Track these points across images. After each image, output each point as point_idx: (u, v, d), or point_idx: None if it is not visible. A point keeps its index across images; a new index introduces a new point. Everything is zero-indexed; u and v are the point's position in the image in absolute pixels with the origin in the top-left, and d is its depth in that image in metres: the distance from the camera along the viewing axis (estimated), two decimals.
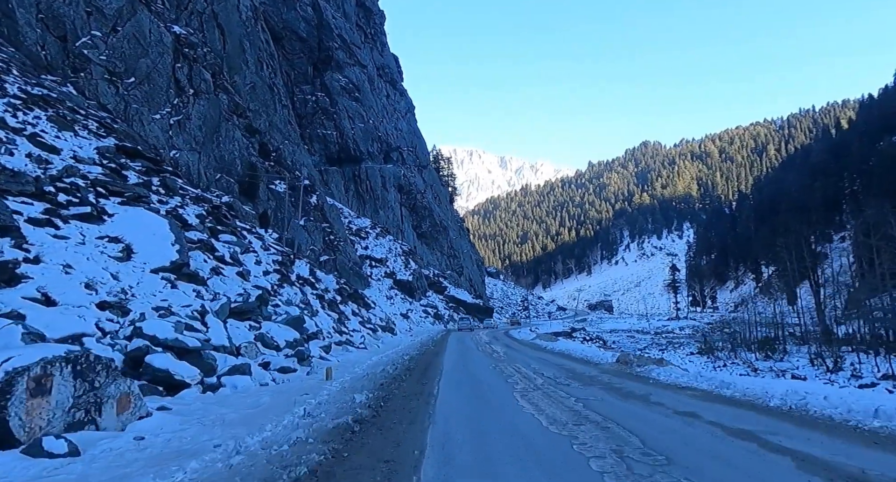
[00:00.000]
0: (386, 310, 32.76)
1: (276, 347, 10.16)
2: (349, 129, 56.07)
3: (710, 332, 58.59)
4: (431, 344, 22.22)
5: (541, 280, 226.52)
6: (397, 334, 25.43)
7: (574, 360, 15.51)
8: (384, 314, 26.98)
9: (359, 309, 22.86)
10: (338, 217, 39.29)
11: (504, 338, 29.86)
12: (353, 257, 37.57)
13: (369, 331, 20.22)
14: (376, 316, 25.31)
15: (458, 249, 67.50)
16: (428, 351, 18.20)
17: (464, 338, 28.42)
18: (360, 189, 56.06)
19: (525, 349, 20.43)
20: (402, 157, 63.70)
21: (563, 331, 39.66)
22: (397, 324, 30.19)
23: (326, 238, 36.31)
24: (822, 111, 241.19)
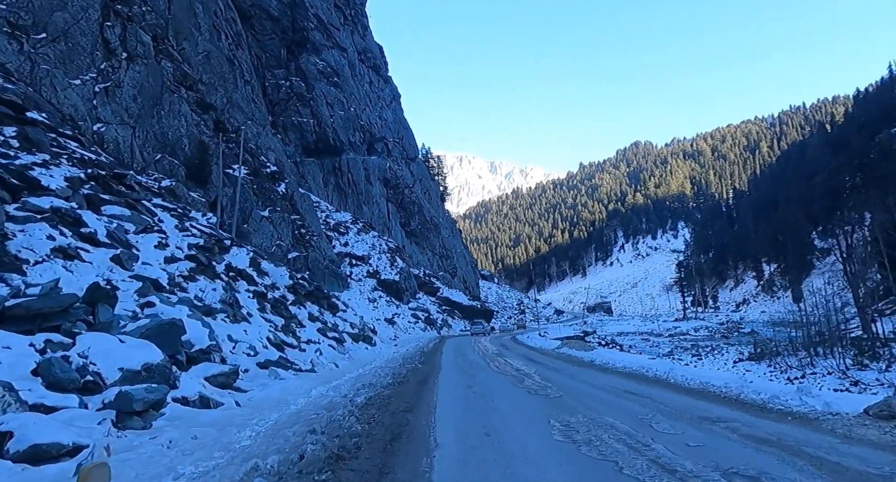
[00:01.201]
0: (366, 315, 27.47)
1: (83, 388, 4.88)
2: (328, 117, 50.75)
3: (729, 333, 53.72)
4: (419, 359, 16.58)
5: (535, 283, 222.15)
6: (377, 344, 20.25)
7: (668, 387, 9.58)
8: (360, 319, 21.21)
9: (321, 312, 17.38)
10: (311, 209, 33.91)
11: (515, 345, 24.09)
12: (328, 254, 32.16)
13: (333, 343, 14.85)
14: (347, 321, 19.84)
15: (451, 249, 62.30)
16: (412, 373, 12.45)
17: (462, 347, 22.95)
18: (340, 182, 50.69)
19: (563, 366, 14.21)
20: (388, 148, 58.46)
21: (575, 335, 34.50)
22: (380, 332, 24.94)
23: (297, 232, 30.89)
24: (812, 108, 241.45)
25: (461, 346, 23.00)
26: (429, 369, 13.22)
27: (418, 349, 20.68)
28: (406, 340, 26.38)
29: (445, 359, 16.41)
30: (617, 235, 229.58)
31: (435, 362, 15.40)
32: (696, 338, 46.43)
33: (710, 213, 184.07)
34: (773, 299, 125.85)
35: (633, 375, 11.62)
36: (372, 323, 26.06)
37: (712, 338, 46.60)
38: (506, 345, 23.83)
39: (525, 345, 24.68)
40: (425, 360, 15.87)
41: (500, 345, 23.52)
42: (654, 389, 9.29)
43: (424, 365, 14.48)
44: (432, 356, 17.84)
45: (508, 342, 26.80)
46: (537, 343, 24.96)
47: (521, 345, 24.18)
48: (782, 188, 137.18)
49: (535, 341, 26.30)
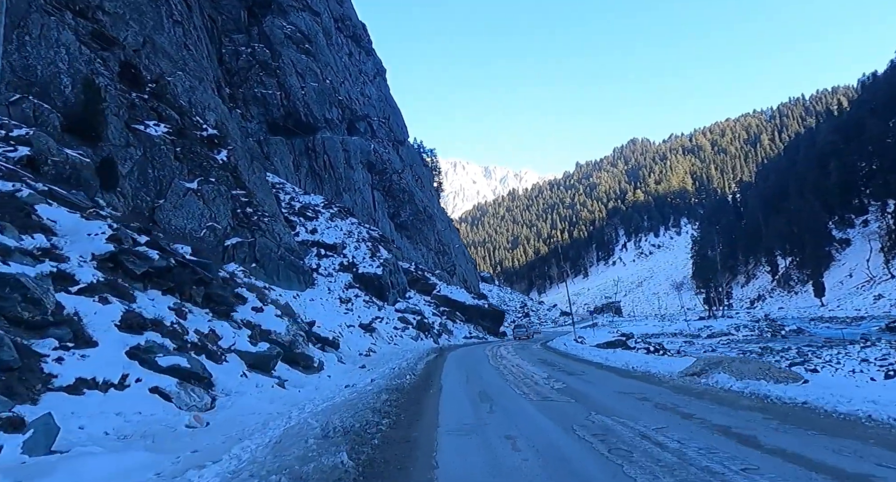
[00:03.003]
0: (330, 320, 19.65)
1: None
2: (298, 89, 42.86)
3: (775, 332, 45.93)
4: (381, 418, 7.40)
5: (535, 285, 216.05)
6: (325, 368, 12.20)
7: None
8: (290, 326, 11.61)
9: (182, 312, 8.81)
10: (264, 185, 25.92)
11: (580, 366, 14.25)
12: (286, 241, 24.14)
13: (171, 384, 6.14)
14: (256, 327, 10.89)
15: (449, 244, 54.35)
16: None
17: (480, 370, 13.91)
18: (315, 165, 42.73)
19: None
20: (372, 128, 50.61)
21: (616, 339, 26.66)
22: (346, 344, 17.03)
23: (240, 211, 22.86)
24: (812, 99, 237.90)
25: (476, 370, 13.89)
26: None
27: (394, 377, 11.72)
28: (384, 357, 17.68)
29: (451, 420, 7.36)
30: (618, 234, 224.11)
31: (420, 436, 6.47)
32: (748, 340, 38.49)
33: (717, 207, 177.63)
34: (790, 294, 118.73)
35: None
36: (336, 331, 18.32)
37: (764, 339, 38.75)
38: (570, 370, 13.26)
39: (585, 361, 15.53)
40: (395, 425, 7.03)
41: (546, 366, 14.15)
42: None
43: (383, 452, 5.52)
44: (417, 402, 8.96)
45: (555, 359, 16.91)
46: (598, 356, 16.25)
47: (592, 367, 13.90)
48: (792, 178, 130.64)
49: (589, 353, 17.95)
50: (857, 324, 51.62)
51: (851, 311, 75.82)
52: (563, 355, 18.50)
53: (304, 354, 11.78)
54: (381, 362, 15.57)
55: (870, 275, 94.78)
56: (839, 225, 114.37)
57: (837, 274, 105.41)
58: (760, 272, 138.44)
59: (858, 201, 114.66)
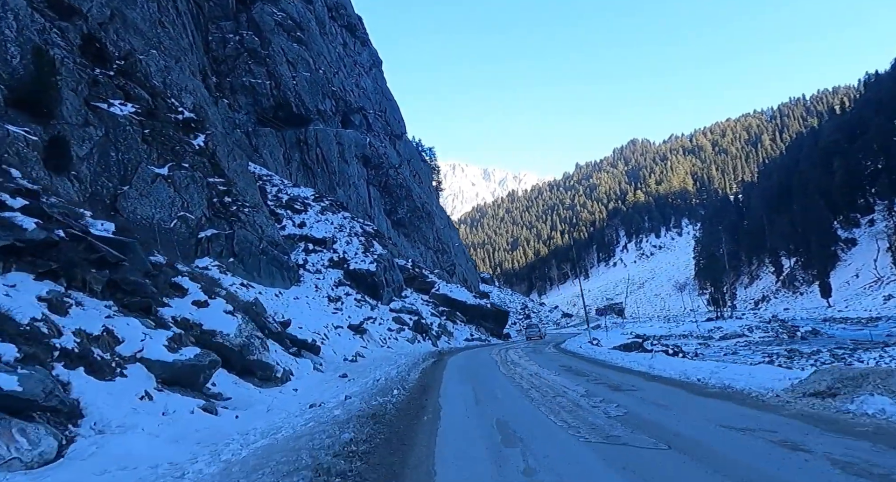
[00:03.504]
0: (314, 321, 17.41)
1: None
2: (289, 79, 40.65)
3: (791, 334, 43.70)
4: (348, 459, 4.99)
5: (535, 287, 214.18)
6: (292, 380, 9.59)
7: None
8: (242, 325, 8.29)
9: (55, 313, 6.62)
10: (245, 173, 23.68)
11: (620, 376, 11.11)
12: (269, 234, 21.89)
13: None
14: (154, 338, 7.55)
15: (448, 243, 52.06)
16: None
17: (491, 383, 11.11)
18: (307, 158, 40.47)
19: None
20: (368, 121, 48.36)
21: (631, 341, 24.42)
22: (330, 349, 14.74)
23: (218, 201, 20.60)
24: (813, 99, 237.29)
25: (486, 381, 11.11)
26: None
27: (377, 393, 9.05)
28: (373, 363, 14.86)
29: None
30: (619, 235, 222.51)
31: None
32: (766, 342, 36.25)
33: (719, 207, 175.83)
34: (794, 295, 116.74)
35: None
36: (321, 332, 16.09)
37: (783, 341, 36.51)
38: (601, 381, 10.39)
39: (621, 368, 12.38)
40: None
41: (575, 376, 11.22)
42: None
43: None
44: (400, 443, 5.94)
45: (585, 367, 13.45)
46: (668, 367, 11.77)
47: (618, 373, 11.44)
48: (796, 177, 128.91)
49: (622, 359, 14.88)
50: (874, 325, 49.42)
51: (861, 312, 73.85)
52: (588, 360, 15.46)
53: (262, 362, 9.07)
54: (368, 369, 12.85)
55: (877, 276, 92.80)
56: (844, 224, 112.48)
57: (843, 274, 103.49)
58: (764, 273, 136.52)
59: (864, 200, 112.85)
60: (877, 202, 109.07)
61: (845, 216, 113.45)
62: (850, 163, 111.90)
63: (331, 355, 13.95)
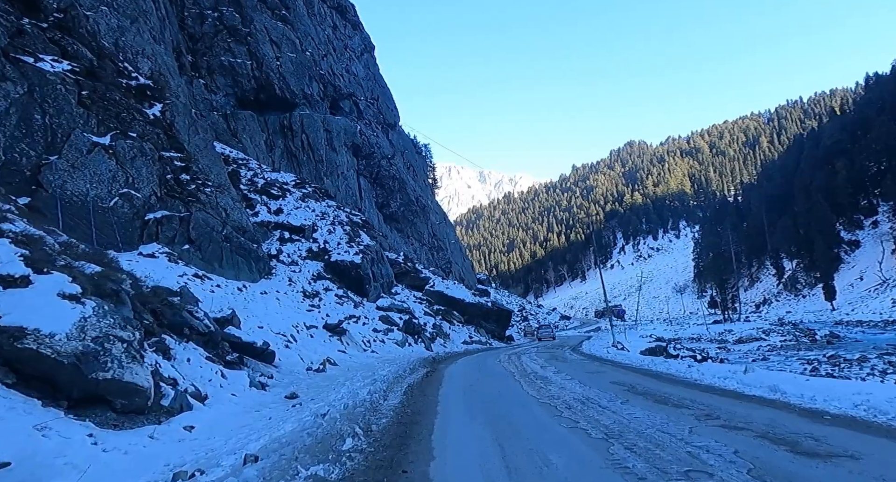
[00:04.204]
0: (280, 320, 14.30)
1: None
2: (272, 59, 37.52)
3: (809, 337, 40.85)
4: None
5: (532, 289, 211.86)
6: (186, 419, 5.77)
7: None
8: (65, 324, 4.40)
9: None
10: (209, 149, 20.52)
11: (730, 403, 7.08)
12: (236, 220, 18.73)
13: None
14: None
15: (444, 239, 48.94)
16: None
17: (539, 433, 5.82)
18: (292, 146, 37.31)
19: None
20: (358, 108, 45.24)
21: (655, 346, 21.44)
22: (304, 357, 11.50)
23: (172, 178, 17.41)
24: (810, 102, 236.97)
25: (513, 418, 6.68)
26: None
27: (316, 445, 5.15)
28: (345, 374, 11.25)
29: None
30: (616, 237, 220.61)
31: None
32: (789, 346, 33.29)
33: (718, 209, 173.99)
34: (797, 298, 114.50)
35: None
36: (288, 333, 13.04)
37: (806, 345, 33.60)
38: (715, 416, 6.18)
39: (700, 386, 8.93)
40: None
41: (652, 404, 7.29)
42: None
43: None
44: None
45: (653, 386, 9.37)
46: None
47: (717, 398, 7.59)
48: (798, 178, 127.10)
49: (682, 370, 11.25)
50: (889, 328, 46.80)
51: (869, 315, 71.58)
52: (637, 372, 11.84)
53: (122, 383, 5.43)
54: (333, 385, 9.15)
55: (882, 278, 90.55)
56: (847, 226, 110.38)
57: (847, 276, 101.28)
58: (765, 275, 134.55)
59: (867, 201, 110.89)
60: (880, 203, 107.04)
61: (848, 218, 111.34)
62: (853, 163, 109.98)
63: (292, 363, 10.79)
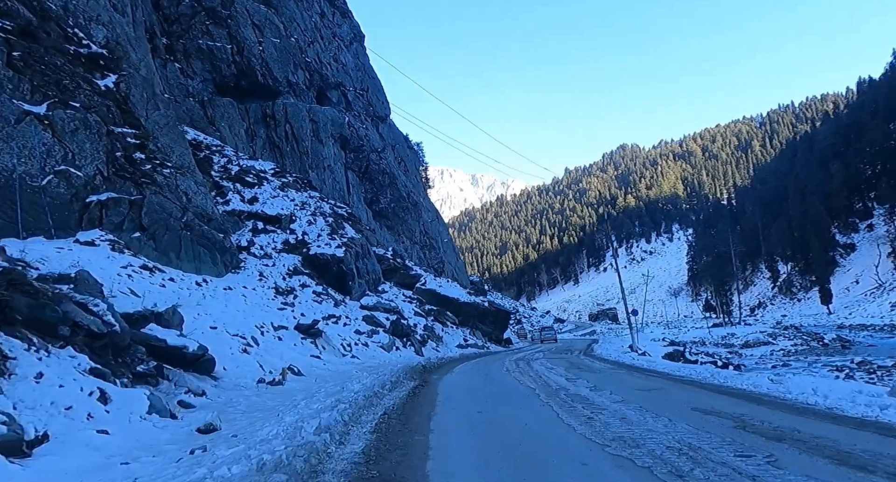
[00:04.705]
0: (245, 320, 12.00)
1: None
2: (254, 44, 35.20)
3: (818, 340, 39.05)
4: None
5: (525, 292, 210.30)
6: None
7: None
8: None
9: None
10: (172, 128, 18.14)
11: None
12: (198, 205, 16.39)
13: None
14: None
15: (437, 238, 46.67)
16: None
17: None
18: (274, 136, 34.97)
19: None
20: (347, 99, 42.96)
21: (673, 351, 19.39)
22: (265, 363, 9.10)
23: (123, 155, 15.05)
24: (802, 106, 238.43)
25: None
26: None
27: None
28: (303, 391, 8.39)
29: None
30: (609, 239, 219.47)
31: None
32: (803, 351, 31.35)
33: (713, 211, 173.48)
34: (792, 301, 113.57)
35: None
36: (250, 335, 10.76)
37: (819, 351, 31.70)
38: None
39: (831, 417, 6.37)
40: None
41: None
42: None
43: None
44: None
45: (715, 403, 7.56)
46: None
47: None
48: (792, 181, 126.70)
49: (733, 380, 10.02)
50: None
51: (867, 319, 70.40)
52: (703, 387, 9.59)
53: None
54: (279, 409, 6.74)
55: (879, 282, 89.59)
56: (842, 229, 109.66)
57: (843, 280, 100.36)
58: (759, 278, 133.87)
59: (862, 205, 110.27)
60: (875, 207, 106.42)
61: (843, 221, 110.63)
62: (847, 167, 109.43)
63: (242, 373, 8.46)
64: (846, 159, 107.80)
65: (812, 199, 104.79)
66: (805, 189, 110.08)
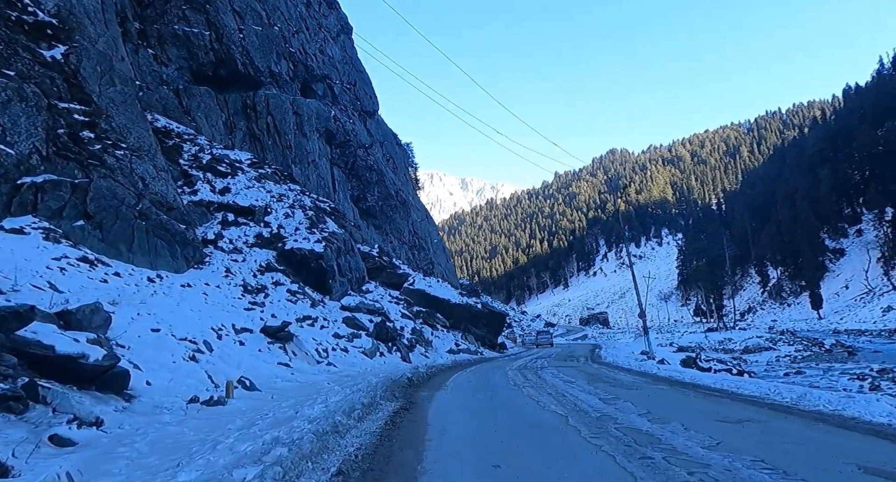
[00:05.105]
0: (199, 322, 10.16)
1: None
2: (234, 31, 33.27)
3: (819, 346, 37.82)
4: None
5: (514, 296, 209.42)
6: None
7: None
8: None
9: None
10: (130, 106, 16.17)
11: None
12: (157, 192, 14.47)
13: None
14: None
15: (426, 238, 44.81)
16: None
17: None
18: (255, 128, 33.02)
19: None
20: (333, 92, 41.07)
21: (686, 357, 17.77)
22: (214, 371, 7.49)
23: (68, 133, 13.10)
24: (789, 113, 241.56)
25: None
26: None
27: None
28: (243, 417, 6.08)
29: None
30: (599, 244, 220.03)
31: None
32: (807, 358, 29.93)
33: (703, 216, 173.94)
34: (782, 306, 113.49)
35: None
36: (202, 339, 8.92)
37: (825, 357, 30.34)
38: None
39: None
40: None
41: None
42: None
43: None
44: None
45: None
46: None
47: None
48: (781, 186, 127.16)
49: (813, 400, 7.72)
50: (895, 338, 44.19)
51: (859, 324, 69.90)
52: (774, 408, 7.67)
53: None
54: (190, 449, 4.66)
55: (868, 287, 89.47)
56: (832, 234, 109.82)
57: (832, 285, 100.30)
58: (749, 283, 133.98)
59: (850, 210, 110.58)
60: (864, 212, 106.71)
61: (833, 226, 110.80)
62: (836, 172, 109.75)
63: (175, 387, 6.53)
64: (835, 164, 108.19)
65: (801, 203, 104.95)
66: (794, 194, 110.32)
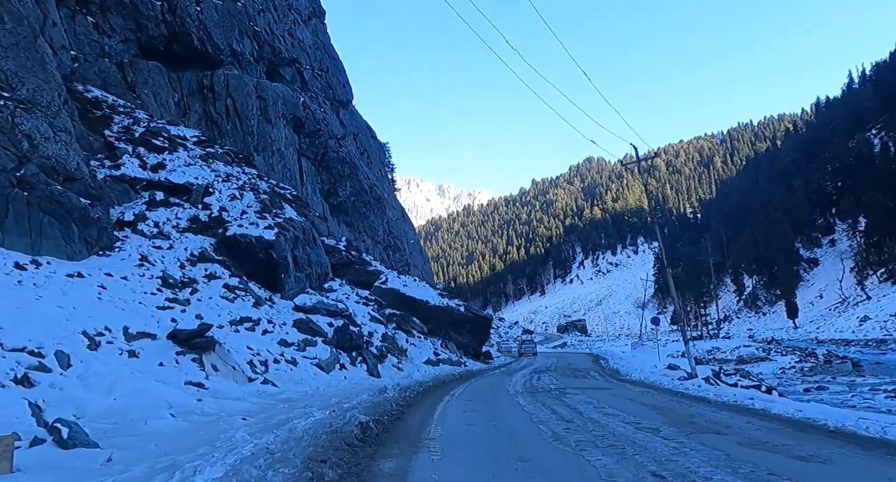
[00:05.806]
0: (72, 324, 7.18)
1: None
2: (191, 3, 29.82)
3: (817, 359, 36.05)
4: None
5: (491, 302, 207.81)
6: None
7: None
8: None
9: None
10: (21, 50, 12.73)
11: None
12: (49, 155, 11.09)
13: None
14: None
15: (402, 238, 41.69)
16: None
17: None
18: (213, 111, 29.53)
19: None
20: (302, 77, 37.74)
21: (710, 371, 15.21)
22: (70, 398, 4.63)
23: None
24: (760, 125, 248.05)
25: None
26: None
27: None
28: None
29: None
30: (575, 251, 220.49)
31: None
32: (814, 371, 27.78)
33: (678, 225, 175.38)
34: (757, 315, 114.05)
35: None
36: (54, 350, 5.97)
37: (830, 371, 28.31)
38: None
39: None
40: None
41: None
42: None
43: None
44: None
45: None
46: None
47: None
48: (756, 196, 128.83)
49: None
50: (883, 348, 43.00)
51: (835, 333, 69.59)
52: None
53: None
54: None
55: (843, 296, 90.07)
56: (806, 244, 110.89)
57: (807, 294, 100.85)
58: (724, 292, 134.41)
59: (824, 220, 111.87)
60: (837, 222, 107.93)
61: (807, 236, 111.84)
62: (809, 183, 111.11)
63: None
64: (808, 175, 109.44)
65: (776, 213, 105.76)
66: (769, 204, 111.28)
